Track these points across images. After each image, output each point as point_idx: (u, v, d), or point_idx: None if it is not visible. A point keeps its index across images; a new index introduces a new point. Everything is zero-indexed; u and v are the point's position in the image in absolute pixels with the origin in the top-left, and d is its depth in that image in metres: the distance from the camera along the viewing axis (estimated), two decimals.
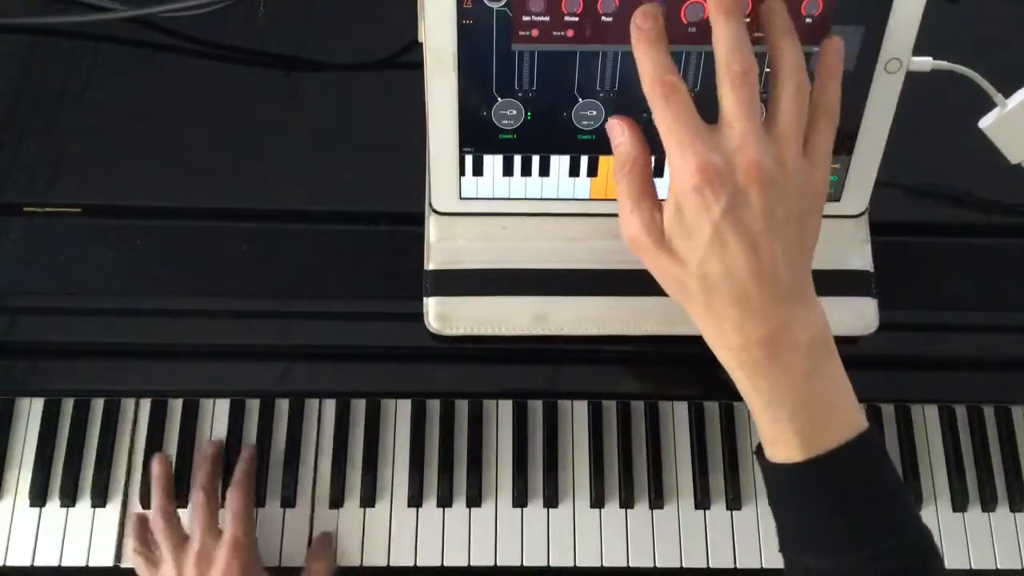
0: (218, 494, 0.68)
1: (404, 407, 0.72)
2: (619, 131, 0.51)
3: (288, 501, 0.70)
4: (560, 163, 0.58)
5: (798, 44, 0.48)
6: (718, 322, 0.48)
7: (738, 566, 0.69)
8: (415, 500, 0.70)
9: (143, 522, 0.68)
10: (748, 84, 0.46)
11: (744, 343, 0.48)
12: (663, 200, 0.49)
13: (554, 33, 0.52)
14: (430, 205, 0.61)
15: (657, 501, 0.70)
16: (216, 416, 0.72)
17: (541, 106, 0.55)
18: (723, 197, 0.45)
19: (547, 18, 0.51)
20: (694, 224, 0.46)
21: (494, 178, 0.59)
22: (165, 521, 0.67)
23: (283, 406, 0.72)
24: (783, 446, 0.49)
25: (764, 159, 0.46)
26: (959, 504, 0.71)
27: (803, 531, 0.50)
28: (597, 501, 0.70)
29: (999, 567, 0.70)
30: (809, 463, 0.48)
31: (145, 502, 0.69)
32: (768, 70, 0.50)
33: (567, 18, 0.51)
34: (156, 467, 0.69)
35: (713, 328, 0.49)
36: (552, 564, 0.69)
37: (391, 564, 0.69)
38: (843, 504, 0.49)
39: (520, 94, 0.55)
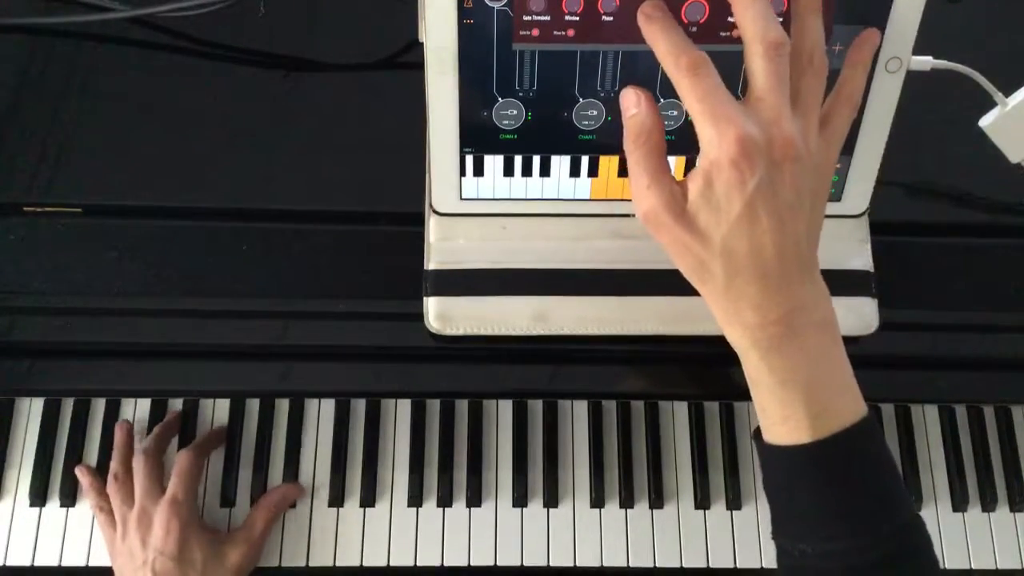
0: (161, 459, 0.69)
1: (404, 407, 0.72)
2: (634, 100, 0.48)
3: None
4: (561, 163, 0.58)
5: (822, 23, 0.48)
6: (735, 300, 0.47)
7: (738, 566, 0.69)
8: (415, 500, 0.70)
9: (97, 480, 0.69)
10: (782, 57, 0.45)
11: (762, 321, 0.47)
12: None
13: (555, 33, 0.52)
14: (430, 205, 0.61)
15: (657, 501, 0.70)
16: (216, 416, 0.72)
17: (542, 106, 0.55)
18: (759, 171, 0.44)
19: (548, 18, 0.51)
20: (724, 198, 0.45)
21: (494, 178, 0.59)
22: (116, 484, 0.68)
23: (283, 406, 0.72)
24: (792, 427, 0.48)
25: (796, 135, 0.45)
26: (959, 504, 0.71)
27: (803, 516, 0.49)
28: (597, 501, 0.70)
29: (999, 567, 0.70)
30: (816, 445, 0.47)
31: None
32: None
33: (568, 18, 0.51)
34: (118, 434, 0.70)
35: (729, 307, 0.48)
36: (552, 564, 0.69)
37: (391, 564, 0.69)
38: (846, 488, 0.48)
39: (521, 94, 0.55)
